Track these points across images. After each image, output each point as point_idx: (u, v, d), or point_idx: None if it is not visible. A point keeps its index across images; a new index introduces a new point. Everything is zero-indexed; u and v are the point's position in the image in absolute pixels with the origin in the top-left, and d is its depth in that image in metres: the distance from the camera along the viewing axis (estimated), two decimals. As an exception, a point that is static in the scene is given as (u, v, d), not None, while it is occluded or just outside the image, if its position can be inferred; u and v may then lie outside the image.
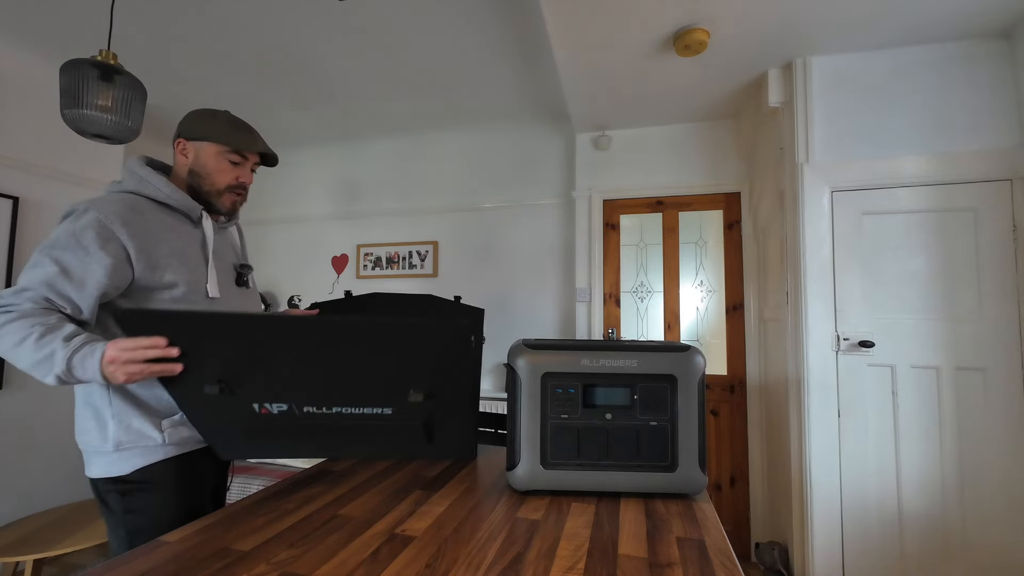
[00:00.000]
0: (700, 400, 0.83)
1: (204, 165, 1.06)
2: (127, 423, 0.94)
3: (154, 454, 0.96)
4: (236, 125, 1.09)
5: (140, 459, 0.95)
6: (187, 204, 1.04)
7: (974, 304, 1.93)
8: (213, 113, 1.08)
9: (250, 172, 1.12)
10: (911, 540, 1.94)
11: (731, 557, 0.63)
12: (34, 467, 2.29)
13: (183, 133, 1.07)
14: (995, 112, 1.95)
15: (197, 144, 1.06)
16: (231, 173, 1.08)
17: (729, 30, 1.93)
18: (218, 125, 1.06)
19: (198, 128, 1.06)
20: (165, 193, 1.02)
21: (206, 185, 1.07)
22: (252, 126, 1.13)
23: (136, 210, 0.97)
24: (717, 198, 2.78)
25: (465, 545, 0.64)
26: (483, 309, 1.25)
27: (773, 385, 2.42)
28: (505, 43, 2.21)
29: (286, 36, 2.16)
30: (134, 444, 0.95)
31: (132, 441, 0.94)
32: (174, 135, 1.09)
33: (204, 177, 1.07)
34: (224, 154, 1.07)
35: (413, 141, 3.38)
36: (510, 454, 0.84)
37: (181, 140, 1.07)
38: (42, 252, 0.90)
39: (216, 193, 1.08)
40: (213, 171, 1.07)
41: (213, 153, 1.06)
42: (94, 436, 0.95)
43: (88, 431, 0.96)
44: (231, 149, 1.07)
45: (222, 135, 1.06)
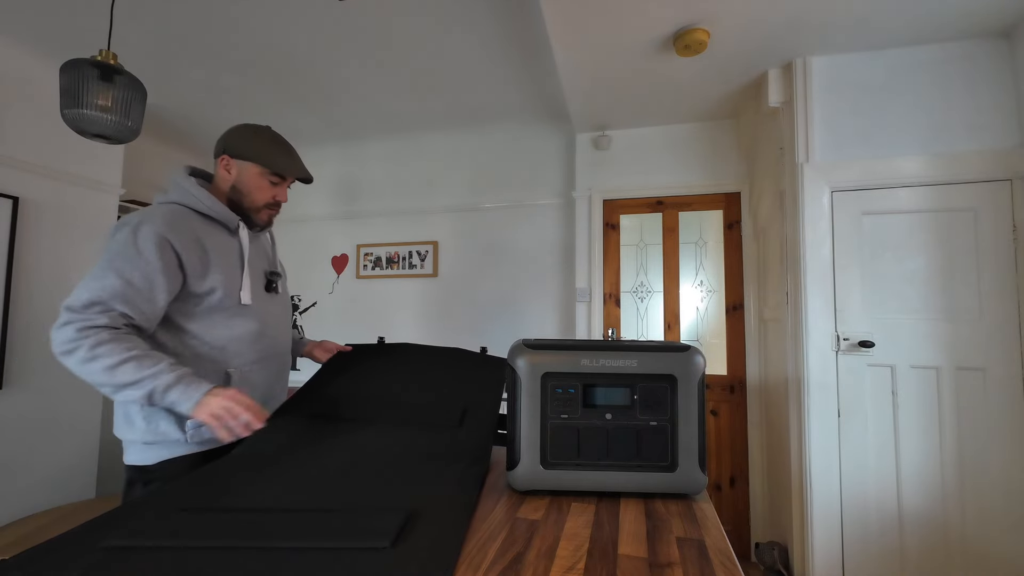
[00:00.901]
0: (700, 400, 0.83)
1: (245, 184, 1.13)
2: (155, 424, 1.02)
3: (177, 449, 1.04)
4: (279, 147, 1.15)
5: (165, 452, 1.04)
6: (226, 216, 1.11)
7: (974, 304, 1.93)
8: (257, 131, 1.14)
9: (286, 190, 1.19)
10: (911, 540, 1.94)
11: (731, 557, 0.63)
12: (34, 467, 2.29)
13: (228, 150, 1.12)
14: (995, 112, 1.95)
15: (241, 163, 1.12)
16: (269, 192, 1.15)
17: (729, 30, 1.93)
18: (263, 146, 1.13)
19: (244, 148, 1.12)
20: (207, 205, 1.08)
21: (246, 202, 1.14)
22: (291, 145, 1.20)
23: (183, 220, 1.04)
24: (717, 198, 2.78)
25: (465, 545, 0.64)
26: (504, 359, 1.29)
27: (773, 385, 2.42)
28: (505, 43, 2.21)
29: (286, 36, 2.16)
30: (159, 441, 1.03)
31: (158, 439, 1.03)
32: (218, 149, 1.13)
33: (245, 195, 1.14)
34: (265, 175, 1.13)
35: (413, 141, 3.38)
36: (510, 454, 0.84)
37: (226, 157, 1.12)
38: (104, 266, 0.95)
39: (255, 210, 1.15)
40: (253, 190, 1.14)
41: (255, 174, 1.13)
42: (127, 431, 1.04)
43: (122, 426, 1.05)
44: (272, 172, 1.13)
45: (266, 158, 1.12)
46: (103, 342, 0.90)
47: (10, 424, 2.20)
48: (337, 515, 0.67)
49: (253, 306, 1.13)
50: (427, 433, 1.02)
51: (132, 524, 0.63)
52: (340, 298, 3.45)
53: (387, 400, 1.14)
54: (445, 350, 1.31)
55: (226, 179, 1.13)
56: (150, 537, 0.60)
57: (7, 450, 2.19)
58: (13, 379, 2.21)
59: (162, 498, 0.72)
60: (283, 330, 1.24)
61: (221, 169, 1.13)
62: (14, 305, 2.22)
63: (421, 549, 0.58)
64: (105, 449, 2.86)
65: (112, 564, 0.54)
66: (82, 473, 2.47)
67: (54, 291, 2.38)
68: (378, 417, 1.08)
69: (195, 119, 3.06)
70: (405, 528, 0.63)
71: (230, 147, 1.12)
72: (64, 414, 2.41)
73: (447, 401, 1.13)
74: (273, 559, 0.55)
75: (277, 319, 1.22)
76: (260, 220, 1.18)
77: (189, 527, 0.62)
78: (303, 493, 0.75)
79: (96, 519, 0.65)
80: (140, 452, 1.05)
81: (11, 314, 2.20)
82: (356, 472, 0.84)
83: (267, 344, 1.17)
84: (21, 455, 2.24)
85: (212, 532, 0.61)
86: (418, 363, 1.27)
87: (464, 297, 3.21)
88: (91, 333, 0.91)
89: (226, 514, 0.67)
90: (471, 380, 1.19)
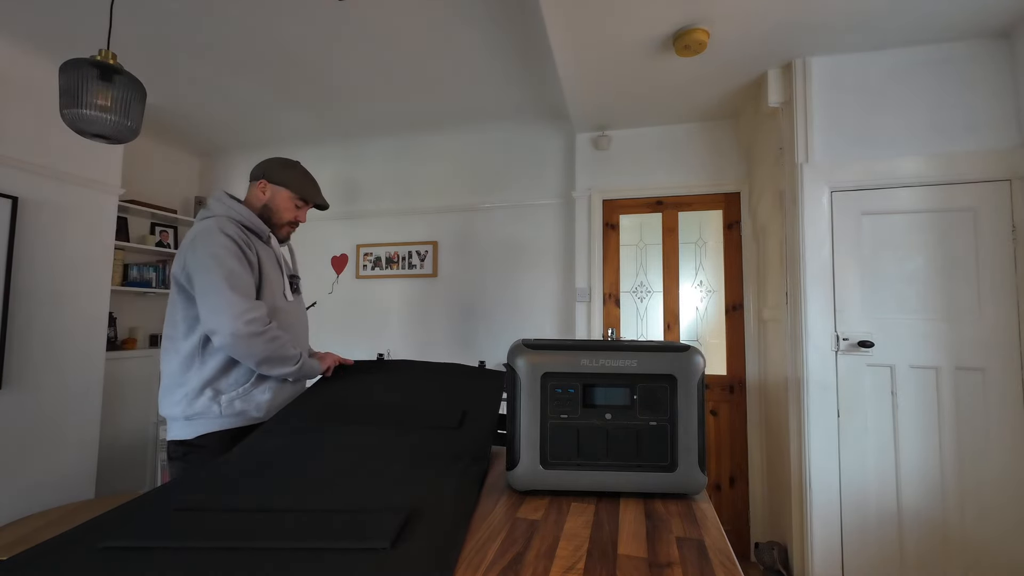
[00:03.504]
0: (700, 400, 0.83)
1: (277, 204, 1.38)
2: (193, 400, 1.20)
3: (212, 424, 1.21)
4: (307, 178, 1.42)
5: (203, 427, 1.21)
6: (261, 227, 1.34)
7: (973, 304, 1.93)
8: (291, 164, 1.41)
9: (305, 214, 1.45)
10: (910, 539, 1.94)
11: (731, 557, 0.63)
12: (34, 467, 2.29)
13: (267, 176, 1.37)
14: (994, 112, 1.95)
15: (276, 188, 1.38)
16: (293, 213, 1.41)
17: (729, 30, 1.93)
18: (296, 177, 1.39)
19: (281, 176, 1.38)
20: (248, 218, 1.31)
21: (274, 219, 1.39)
22: (314, 178, 1.47)
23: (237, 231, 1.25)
24: (717, 198, 2.78)
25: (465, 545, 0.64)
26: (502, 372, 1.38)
27: (773, 385, 2.42)
28: (505, 43, 2.21)
29: (286, 36, 2.16)
30: (198, 416, 1.21)
31: (197, 414, 1.20)
32: (256, 174, 1.38)
33: (274, 212, 1.38)
34: (293, 199, 1.39)
35: (413, 141, 3.38)
36: (510, 454, 0.84)
37: (263, 181, 1.37)
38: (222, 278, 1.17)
39: (279, 226, 1.40)
40: (282, 209, 1.39)
41: (286, 197, 1.39)
42: (171, 408, 1.22)
43: (167, 405, 1.23)
44: (300, 197, 1.40)
45: (297, 187, 1.39)
46: (275, 339, 1.21)
47: (10, 424, 2.20)
48: (337, 516, 0.67)
49: (284, 305, 1.34)
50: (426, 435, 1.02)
51: (131, 525, 0.63)
52: (340, 298, 3.45)
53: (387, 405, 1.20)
54: (444, 365, 1.43)
55: (260, 199, 1.38)
56: (149, 538, 0.59)
57: (7, 450, 2.19)
58: (12, 379, 2.21)
59: (160, 499, 0.72)
60: (304, 326, 1.46)
61: (258, 191, 1.37)
62: (13, 305, 2.22)
63: (421, 550, 0.58)
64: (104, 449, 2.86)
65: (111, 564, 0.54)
66: (81, 473, 2.47)
67: (53, 291, 2.38)
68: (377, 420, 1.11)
69: (195, 119, 3.06)
70: (405, 529, 0.63)
71: (269, 174, 1.37)
72: (64, 414, 2.41)
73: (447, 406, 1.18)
74: (272, 560, 0.55)
75: (300, 315, 1.44)
76: (282, 235, 1.42)
77: (188, 527, 0.62)
78: (302, 494, 0.75)
79: (94, 519, 0.65)
80: (181, 428, 1.21)
81: (10, 314, 2.20)
82: (355, 473, 0.84)
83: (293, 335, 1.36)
84: (20, 455, 2.24)
85: (211, 533, 0.61)
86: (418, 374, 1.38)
87: (464, 297, 3.21)
88: (263, 336, 1.19)
89: (225, 514, 0.67)
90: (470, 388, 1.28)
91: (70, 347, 2.44)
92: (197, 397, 1.20)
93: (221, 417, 1.21)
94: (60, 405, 2.39)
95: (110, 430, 2.92)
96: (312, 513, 0.68)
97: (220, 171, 3.72)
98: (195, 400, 1.20)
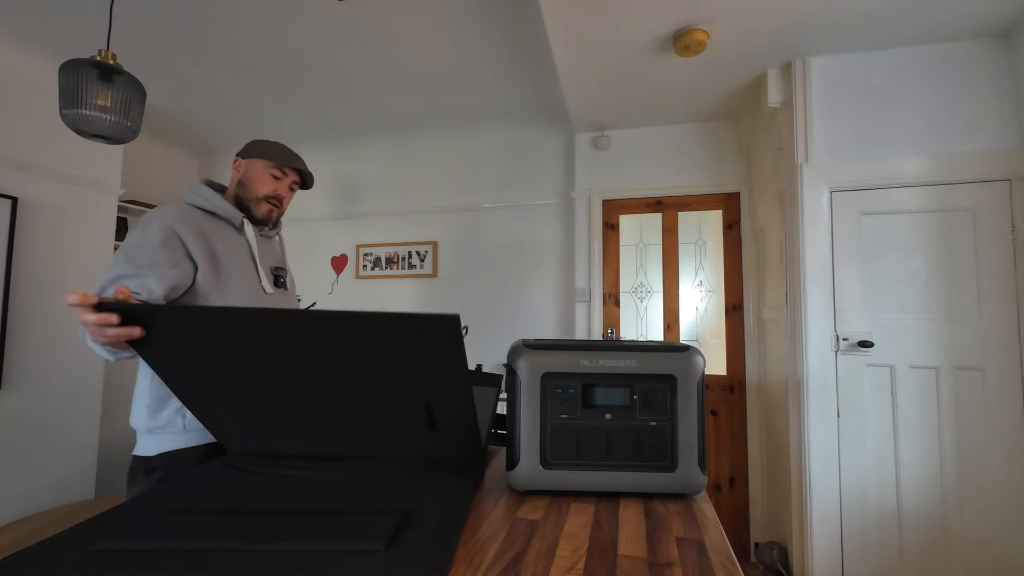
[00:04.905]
0: (700, 400, 0.83)
1: (250, 176, 1.25)
2: (158, 411, 1.10)
3: (176, 440, 1.11)
4: (284, 149, 1.28)
5: (167, 443, 1.10)
6: (230, 212, 1.20)
7: (973, 304, 1.93)
8: (270, 141, 1.29)
9: (288, 189, 1.28)
10: (910, 539, 1.94)
11: (731, 557, 0.63)
12: (34, 467, 2.29)
13: (241, 153, 1.27)
14: (994, 112, 1.95)
15: (249, 161, 1.26)
16: (270, 185, 1.25)
17: (728, 30, 1.93)
18: (270, 147, 1.26)
19: (254, 149, 1.26)
20: (212, 203, 1.19)
21: (247, 193, 1.24)
22: (299, 155, 1.32)
23: (190, 215, 1.14)
24: (716, 198, 2.78)
25: (465, 545, 0.64)
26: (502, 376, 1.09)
27: (772, 385, 2.42)
28: (505, 43, 2.21)
29: (286, 36, 2.16)
30: (161, 430, 1.10)
31: (160, 427, 1.10)
32: None
33: (247, 186, 1.25)
34: (267, 168, 1.25)
35: (413, 141, 3.38)
36: (509, 454, 0.84)
37: (238, 158, 1.27)
38: (119, 254, 1.05)
39: (255, 200, 1.25)
40: (256, 180, 1.24)
41: (260, 167, 1.25)
42: (135, 419, 1.12)
43: (133, 414, 1.14)
44: (274, 164, 1.25)
45: (270, 154, 1.25)
46: None
47: (9, 424, 2.20)
48: (331, 518, 0.67)
49: (261, 297, 1.22)
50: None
51: (124, 527, 0.63)
52: (340, 298, 3.45)
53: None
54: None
55: (235, 177, 1.26)
56: (143, 540, 0.59)
57: (6, 450, 2.19)
58: (12, 379, 2.21)
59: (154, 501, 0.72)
60: None
61: (233, 170, 1.27)
62: (13, 305, 2.22)
63: (416, 552, 0.58)
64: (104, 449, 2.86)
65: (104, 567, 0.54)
66: (81, 474, 2.47)
67: (53, 291, 2.38)
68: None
69: (195, 119, 3.06)
70: (400, 530, 0.63)
71: (243, 151, 1.27)
72: (63, 414, 2.41)
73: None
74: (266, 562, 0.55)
75: None
76: (260, 212, 1.25)
77: (181, 530, 0.62)
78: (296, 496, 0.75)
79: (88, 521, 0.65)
80: (145, 442, 1.11)
81: (10, 314, 2.20)
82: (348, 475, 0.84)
83: None
84: (20, 455, 2.24)
85: (204, 535, 0.61)
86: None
87: (463, 297, 3.21)
88: None
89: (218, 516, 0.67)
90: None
91: (70, 347, 2.44)
92: (161, 409, 1.10)
93: (185, 432, 1.11)
94: (60, 405, 2.39)
95: (110, 430, 2.92)
96: (305, 515, 0.68)
97: (220, 171, 3.72)
98: (158, 412, 1.10)
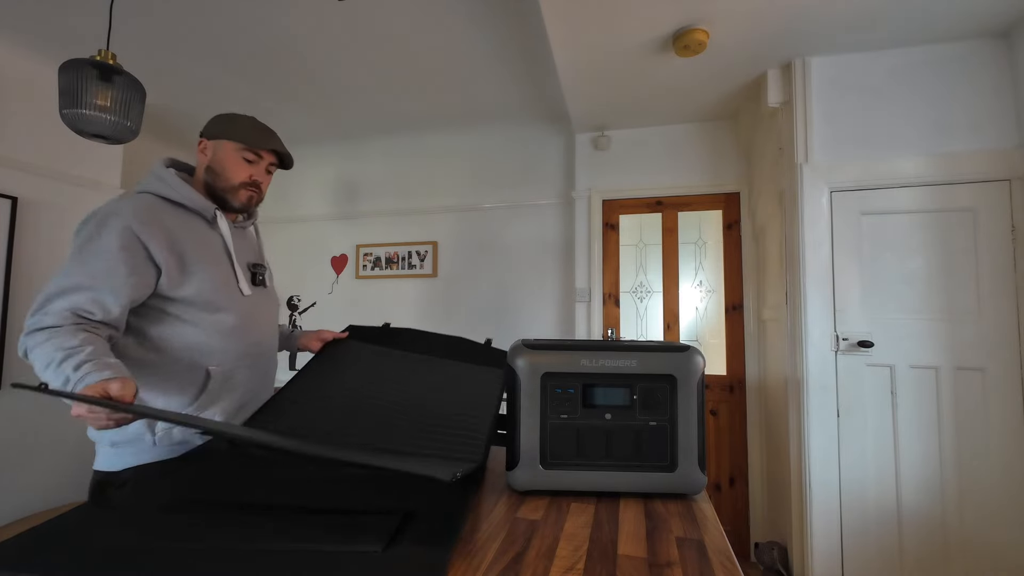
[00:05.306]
0: (699, 400, 0.83)
1: (220, 162, 1.08)
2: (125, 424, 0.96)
3: (143, 455, 0.99)
4: (255, 126, 1.11)
5: (132, 458, 0.99)
6: (200, 203, 1.05)
7: (973, 304, 1.93)
8: (236, 116, 1.11)
9: (265, 172, 1.13)
10: (910, 539, 1.94)
11: (730, 557, 0.63)
12: (34, 467, 2.29)
13: (204, 133, 1.10)
14: (994, 112, 1.95)
15: (216, 142, 1.09)
16: (245, 170, 1.10)
17: (728, 30, 1.93)
18: (238, 125, 1.09)
19: (219, 128, 1.09)
20: (179, 193, 1.04)
21: (220, 182, 1.09)
22: (271, 129, 1.14)
23: (152, 211, 0.98)
24: (716, 198, 2.78)
25: (465, 545, 0.64)
26: None
27: (772, 385, 2.42)
28: (505, 43, 2.21)
29: (286, 36, 2.16)
30: (128, 444, 0.99)
31: (126, 441, 0.98)
32: None
33: (219, 173, 1.08)
34: (239, 151, 1.09)
35: (413, 141, 3.38)
36: (510, 454, 0.84)
37: (203, 140, 1.10)
38: (69, 260, 0.92)
39: (230, 189, 1.09)
40: (228, 167, 1.08)
41: (230, 150, 1.08)
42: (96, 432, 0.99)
43: None
44: (246, 146, 1.09)
45: (240, 134, 1.08)
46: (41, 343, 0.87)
47: (9, 424, 2.20)
48: (329, 517, 0.67)
49: (238, 299, 1.08)
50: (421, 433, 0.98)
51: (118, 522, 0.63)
52: (340, 298, 3.45)
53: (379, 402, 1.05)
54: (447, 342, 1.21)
55: (203, 162, 1.10)
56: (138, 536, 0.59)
57: (6, 450, 2.19)
58: (12, 379, 2.21)
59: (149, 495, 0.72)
60: (269, 326, 1.18)
61: (199, 153, 1.11)
62: (12, 305, 2.22)
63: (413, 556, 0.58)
64: (104, 449, 2.85)
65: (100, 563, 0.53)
66: (81, 474, 2.47)
67: (53, 291, 2.38)
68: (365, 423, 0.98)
69: (195, 119, 3.06)
70: (399, 533, 0.63)
71: (206, 130, 1.10)
72: (63, 414, 2.40)
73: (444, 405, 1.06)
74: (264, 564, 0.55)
75: (263, 313, 1.15)
76: (238, 201, 1.10)
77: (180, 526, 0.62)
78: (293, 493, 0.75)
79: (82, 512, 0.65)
80: (107, 456, 0.99)
81: (9, 314, 2.20)
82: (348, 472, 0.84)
83: (252, 340, 1.11)
84: (20, 455, 2.24)
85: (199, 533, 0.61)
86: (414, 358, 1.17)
87: (463, 297, 3.21)
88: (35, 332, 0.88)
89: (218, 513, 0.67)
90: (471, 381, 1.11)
91: (70, 347, 2.44)
92: None
93: (155, 448, 0.98)
94: (59, 405, 2.39)
95: (110, 430, 2.91)
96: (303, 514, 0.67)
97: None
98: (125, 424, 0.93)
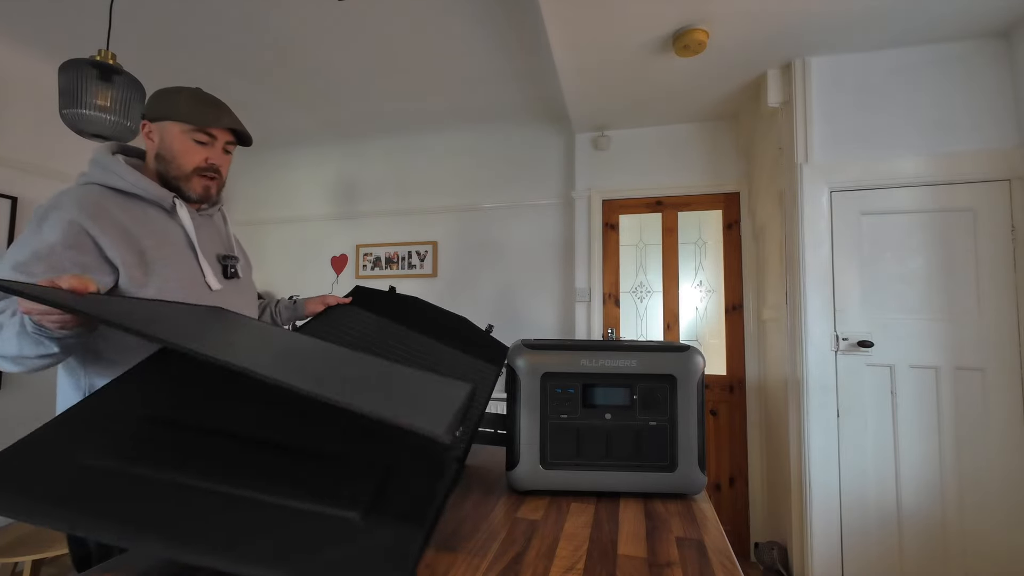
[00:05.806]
0: (699, 400, 0.83)
1: (169, 147, 0.96)
2: None
3: None
4: (201, 100, 0.97)
5: None
6: (155, 193, 0.94)
7: (973, 304, 1.94)
8: (177, 90, 0.97)
9: (222, 153, 1.01)
10: (910, 539, 1.94)
11: (730, 557, 0.63)
12: (33, 467, 2.29)
13: (146, 114, 0.97)
14: (994, 112, 1.95)
15: (161, 125, 0.96)
16: (199, 154, 0.97)
17: (728, 30, 1.93)
18: (181, 102, 0.96)
19: (161, 107, 0.96)
20: (130, 182, 0.92)
21: (172, 170, 0.97)
22: (221, 100, 1.01)
23: (100, 204, 0.87)
24: (716, 198, 2.78)
25: (465, 545, 0.64)
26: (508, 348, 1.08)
27: (772, 385, 2.42)
28: (504, 43, 2.21)
29: (285, 36, 2.16)
30: None
31: None
32: None
33: (170, 161, 0.96)
34: (188, 133, 0.96)
35: (413, 141, 3.38)
36: (510, 454, 0.84)
37: (146, 122, 0.97)
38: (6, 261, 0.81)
39: (184, 178, 0.97)
40: (179, 153, 0.96)
41: (177, 133, 0.96)
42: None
43: None
44: (195, 127, 0.96)
45: (185, 113, 0.95)
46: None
47: (9, 424, 2.20)
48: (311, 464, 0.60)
49: (207, 296, 0.98)
50: None
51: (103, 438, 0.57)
52: (339, 298, 3.45)
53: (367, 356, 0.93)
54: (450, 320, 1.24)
55: (151, 148, 0.97)
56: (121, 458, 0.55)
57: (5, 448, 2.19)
58: (12, 379, 2.21)
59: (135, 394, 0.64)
60: None
61: (145, 139, 0.98)
62: (13, 305, 2.22)
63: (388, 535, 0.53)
64: (104, 449, 2.85)
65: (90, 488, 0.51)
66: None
67: (53, 291, 2.38)
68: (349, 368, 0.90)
69: (194, 119, 3.06)
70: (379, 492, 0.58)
71: (148, 111, 0.96)
72: (63, 414, 2.41)
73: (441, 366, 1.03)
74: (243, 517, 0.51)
75: (236, 308, 1.03)
76: (194, 191, 0.99)
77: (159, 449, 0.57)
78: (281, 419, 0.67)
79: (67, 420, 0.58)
80: None
81: (10, 314, 2.20)
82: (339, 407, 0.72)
83: None
84: (20, 455, 2.24)
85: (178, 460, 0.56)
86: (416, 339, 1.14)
87: (463, 297, 3.21)
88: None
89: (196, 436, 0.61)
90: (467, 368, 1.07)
91: (69, 347, 2.44)
92: None
93: None
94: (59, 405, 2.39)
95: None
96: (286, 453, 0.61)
97: (220, 171, 3.72)
98: None
